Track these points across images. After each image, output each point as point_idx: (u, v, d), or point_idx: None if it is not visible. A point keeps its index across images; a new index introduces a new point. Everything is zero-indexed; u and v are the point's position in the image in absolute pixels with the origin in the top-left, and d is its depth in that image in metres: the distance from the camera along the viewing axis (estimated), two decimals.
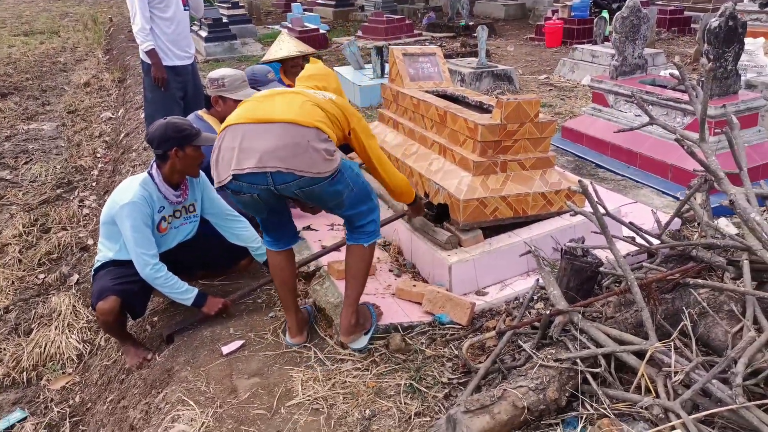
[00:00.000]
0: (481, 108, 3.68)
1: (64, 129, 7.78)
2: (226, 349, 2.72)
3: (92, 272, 3.01)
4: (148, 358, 2.90)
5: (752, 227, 2.05)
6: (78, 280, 4.13)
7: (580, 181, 2.20)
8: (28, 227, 4.88)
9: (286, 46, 4.52)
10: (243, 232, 3.18)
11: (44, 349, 3.40)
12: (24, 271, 4.30)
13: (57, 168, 6.30)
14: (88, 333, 3.51)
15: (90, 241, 4.64)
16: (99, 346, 3.39)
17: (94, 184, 5.88)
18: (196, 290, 2.90)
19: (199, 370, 2.60)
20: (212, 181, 3.23)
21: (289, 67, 4.52)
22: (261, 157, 2.20)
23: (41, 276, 4.23)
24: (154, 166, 2.91)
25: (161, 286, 2.82)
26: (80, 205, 5.32)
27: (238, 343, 2.75)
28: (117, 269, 2.88)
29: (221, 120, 3.40)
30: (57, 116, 8.41)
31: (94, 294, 2.83)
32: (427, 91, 3.99)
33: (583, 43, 9.73)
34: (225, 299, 2.97)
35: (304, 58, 4.61)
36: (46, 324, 3.64)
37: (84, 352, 3.39)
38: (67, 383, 3.19)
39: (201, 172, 3.05)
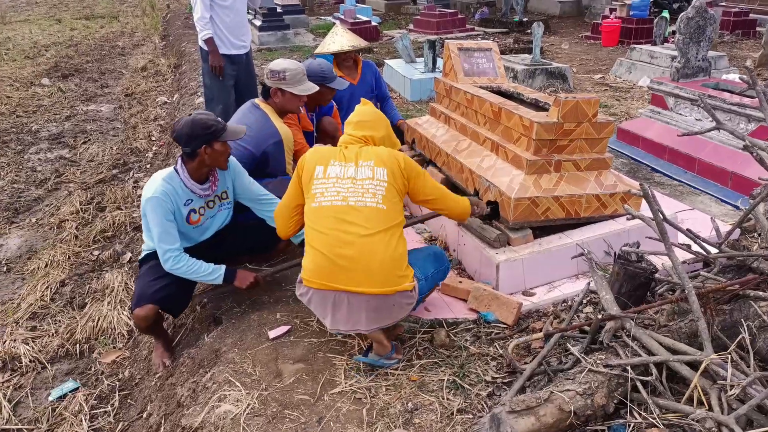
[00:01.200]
0: (537, 106, 3.62)
1: (121, 111, 8.01)
2: (272, 334, 2.76)
3: (138, 262, 3.08)
4: (166, 364, 2.96)
5: None
6: (130, 258, 4.25)
7: (641, 184, 2.14)
8: (84, 205, 5.05)
9: (339, 39, 4.52)
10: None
11: (97, 323, 3.51)
12: (80, 247, 4.46)
13: (113, 149, 6.50)
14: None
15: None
16: None
17: (148, 166, 6.03)
18: (223, 267, 2.88)
19: (246, 353, 2.65)
20: (248, 169, 3.26)
21: (342, 60, 4.54)
22: (354, 325, 2.42)
23: (96, 252, 4.38)
24: (180, 161, 2.87)
25: (185, 274, 2.80)
26: (134, 186, 5.48)
27: (284, 329, 2.79)
28: (159, 266, 2.85)
29: (278, 110, 3.44)
30: (114, 99, 8.67)
31: (134, 296, 2.86)
32: (481, 87, 3.95)
33: (642, 43, 9.47)
34: (256, 274, 2.96)
35: (357, 52, 4.62)
36: (99, 299, 3.76)
37: (134, 328, 3.49)
38: (117, 357, 3.30)
39: (232, 158, 3.04)
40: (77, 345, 3.39)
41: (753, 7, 12.39)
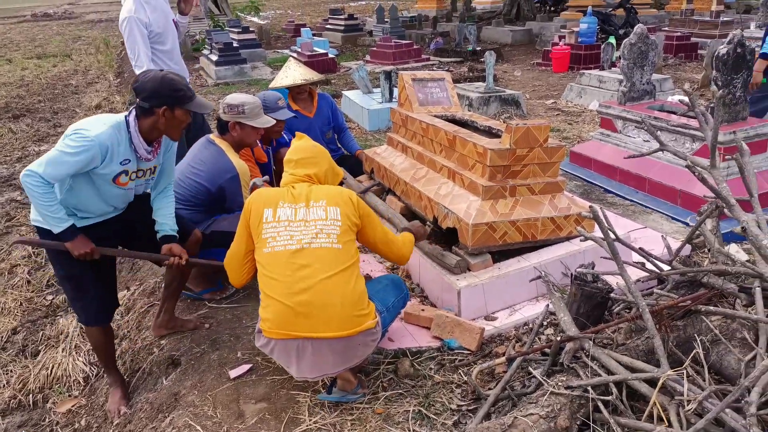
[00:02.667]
0: (490, 133, 3.69)
1: None
2: (233, 373, 2.70)
3: (32, 225, 2.70)
4: (122, 412, 2.85)
5: (765, 254, 2.04)
6: None
7: (591, 206, 2.19)
8: (36, 248, 4.90)
9: (291, 73, 4.55)
10: (159, 204, 2.88)
11: (51, 371, 3.38)
12: (32, 292, 4.31)
13: None
14: (95, 355, 3.50)
15: None
16: None
17: None
18: (71, 223, 2.52)
19: (206, 395, 2.59)
20: (204, 205, 3.21)
21: (296, 94, 4.59)
22: (320, 370, 2.38)
23: (49, 297, 4.24)
24: (133, 113, 2.58)
25: (35, 197, 2.41)
26: None
27: (245, 367, 2.74)
28: (77, 279, 2.70)
29: (235, 145, 3.42)
30: None
31: (81, 318, 2.87)
32: (436, 116, 4.01)
33: (591, 68, 9.79)
34: (93, 246, 2.59)
35: (314, 85, 4.66)
36: (53, 346, 3.63)
37: (90, 374, 3.37)
38: (73, 406, 3.17)
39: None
40: (30, 395, 3.25)
41: (694, 31, 12.98)
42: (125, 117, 2.57)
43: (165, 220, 2.86)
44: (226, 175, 3.28)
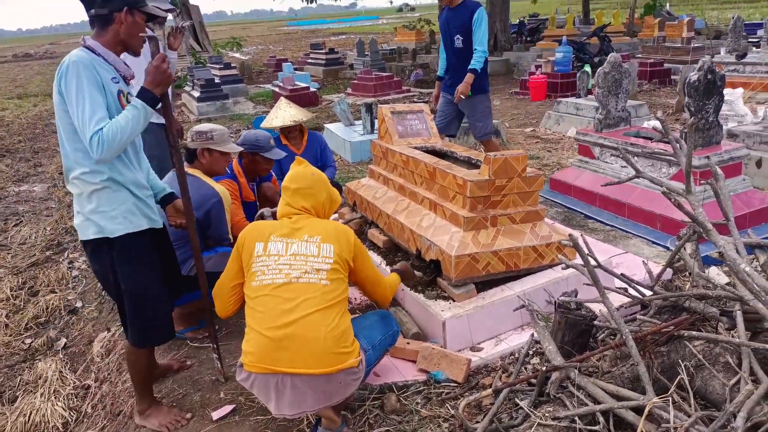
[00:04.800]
0: (470, 163, 3.73)
1: (55, 190, 7.78)
2: (216, 415, 2.65)
3: (84, 244, 2.52)
4: (187, 417, 2.68)
5: (743, 279, 2.06)
6: (65, 344, 4.05)
7: (570, 234, 2.21)
8: (15, 291, 4.81)
9: (281, 114, 4.85)
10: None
11: (29, 417, 3.29)
12: (10, 336, 4.21)
13: (47, 230, 6.27)
14: (75, 400, 3.42)
15: (79, 304, 4.57)
16: (86, 414, 3.29)
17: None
18: (139, 99, 2.38)
19: None
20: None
21: (287, 132, 4.87)
22: (299, 407, 2.31)
23: (28, 341, 4.14)
24: (87, 40, 2.38)
25: (116, 137, 2.28)
26: (69, 267, 5.27)
27: (228, 408, 2.69)
28: (147, 288, 2.53)
29: (205, 172, 3.45)
30: (48, 177, 8.44)
31: (139, 339, 2.57)
32: (416, 148, 4.05)
33: (567, 96, 9.97)
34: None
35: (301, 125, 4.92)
36: (31, 391, 3.54)
37: (70, 420, 3.28)
38: None
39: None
40: None
41: (666, 57, 13.30)
42: (81, 47, 2.38)
43: (158, 183, 2.83)
44: (212, 200, 3.29)
